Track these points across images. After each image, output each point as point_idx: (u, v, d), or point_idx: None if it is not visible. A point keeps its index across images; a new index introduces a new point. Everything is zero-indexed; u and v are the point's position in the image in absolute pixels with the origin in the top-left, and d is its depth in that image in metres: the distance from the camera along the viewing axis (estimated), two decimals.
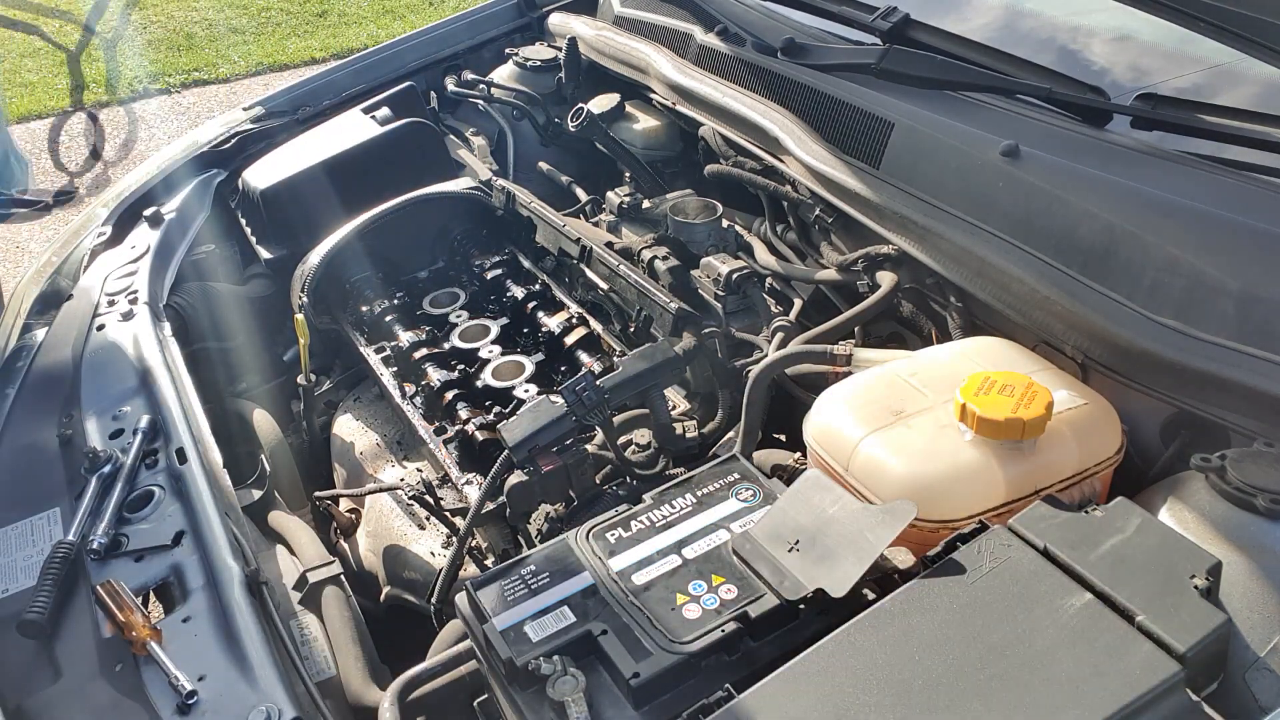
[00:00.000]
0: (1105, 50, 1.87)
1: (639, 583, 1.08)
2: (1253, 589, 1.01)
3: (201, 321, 2.03)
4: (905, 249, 1.59)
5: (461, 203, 2.15)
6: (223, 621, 1.16)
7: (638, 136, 2.32)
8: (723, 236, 1.92)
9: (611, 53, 2.41)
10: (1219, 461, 1.11)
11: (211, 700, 1.07)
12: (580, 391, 1.44)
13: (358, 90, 2.55)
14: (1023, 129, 1.54)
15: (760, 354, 1.64)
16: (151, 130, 5.95)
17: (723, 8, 2.17)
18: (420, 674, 1.19)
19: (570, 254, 1.92)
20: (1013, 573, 0.98)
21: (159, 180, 2.26)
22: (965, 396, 1.19)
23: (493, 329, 1.91)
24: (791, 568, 1.05)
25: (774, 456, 1.47)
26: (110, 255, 2.02)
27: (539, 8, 2.82)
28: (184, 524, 1.31)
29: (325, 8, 7.86)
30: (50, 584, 1.22)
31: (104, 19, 6.05)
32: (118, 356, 1.67)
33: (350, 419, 1.95)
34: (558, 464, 1.43)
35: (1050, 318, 1.38)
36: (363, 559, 1.72)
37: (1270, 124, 1.42)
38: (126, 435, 1.47)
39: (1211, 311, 1.22)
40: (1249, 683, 0.95)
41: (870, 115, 1.69)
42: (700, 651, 0.99)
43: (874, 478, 1.20)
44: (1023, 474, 1.17)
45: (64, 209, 2.22)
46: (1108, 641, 0.90)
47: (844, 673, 0.91)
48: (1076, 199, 1.38)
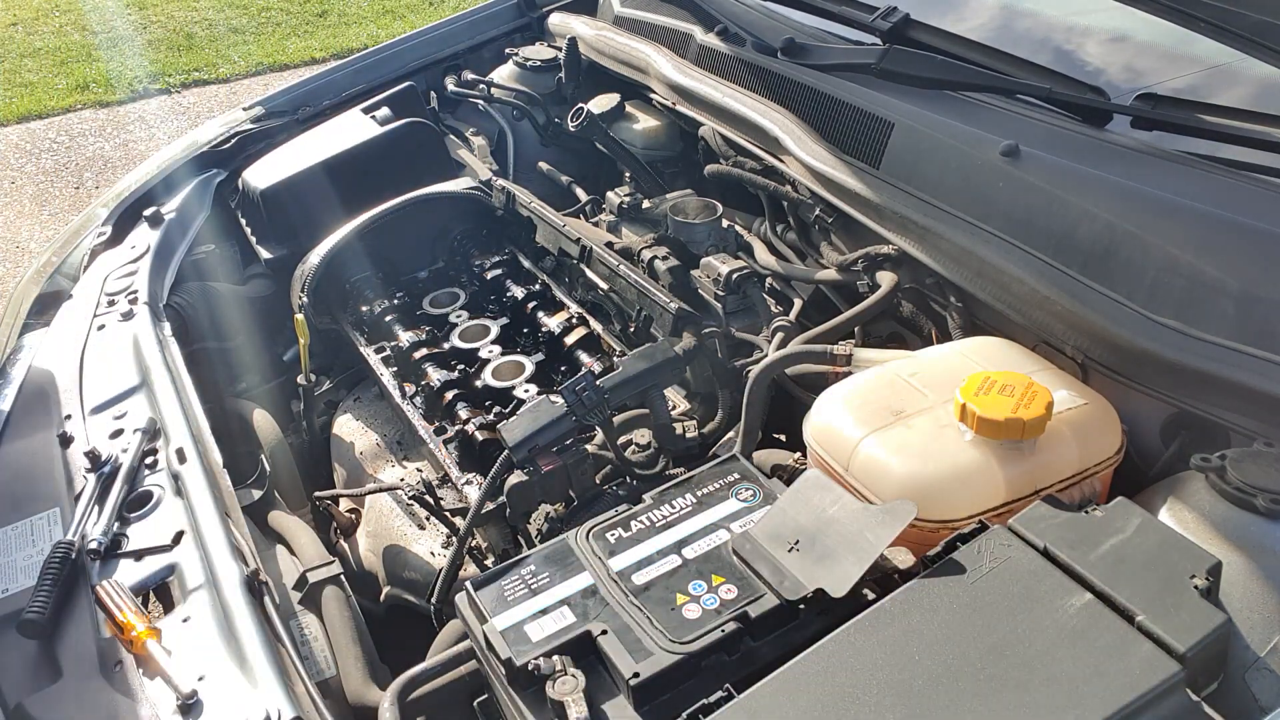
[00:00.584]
0: (1105, 50, 1.86)
1: (639, 583, 1.08)
2: (1253, 589, 1.01)
3: (201, 321, 2.03)
4: (905, 249, 1.59)
5: (461, 203, 2.15)
6: (223, 621, 1.16)
7: (638, 136, 2.32)
8: (723, 236, 1.92)
9: (611, 53, 2.41)
10: (1219, 461, 1.11)
11: (211, 700, 1.07)
12: (580, 391, 1.44)
13: (358, 90, 2.55)
14: (1023, 129, 1.54)
15: (760, 354, 1.64)
16: (151, 130, 5.95)
17: (723, 8, 2.17)
18: (420, 674, 1.19)
19: (570, 254, 1.92)
20: (1013, 573, 0.98)
21: (159, 180, 2.26)
22: (965, 396, 1.19)
23: (493, 329, 1.91)
24: (791, 568, 1.05)
25: (774, 456, 1.47)
26: (110, 255, 2.03)
27: (539, 8, 2.82)
28: (184, 524, 1.31)
29: (325, 8, 7.86)
30: (50, 584, 1.22)
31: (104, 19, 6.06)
32: (118, 356, 1.66)
33: (350, 419, 1.95)
34: (558, 464, 1.43)
35: (1050, 318, 1.38)
36: (363, 559, 1.72)
37: (1270, 124, 1.42)
38: (126, 435, 1.47)
39: (1211, 311, 1.22)
40: (1249, 683, 0.95)
41: (870, 115, 1.69)
42: (700, 651, 0.99)
43: (874, 478, 1.20)
44: (1023, 474, 1.17)
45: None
46: (1108, 641, 0.90)
47: (844, 673, 0.91)
48: (1076, 199, 1.38)
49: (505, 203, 2.12)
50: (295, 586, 1.44)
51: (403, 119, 2.28)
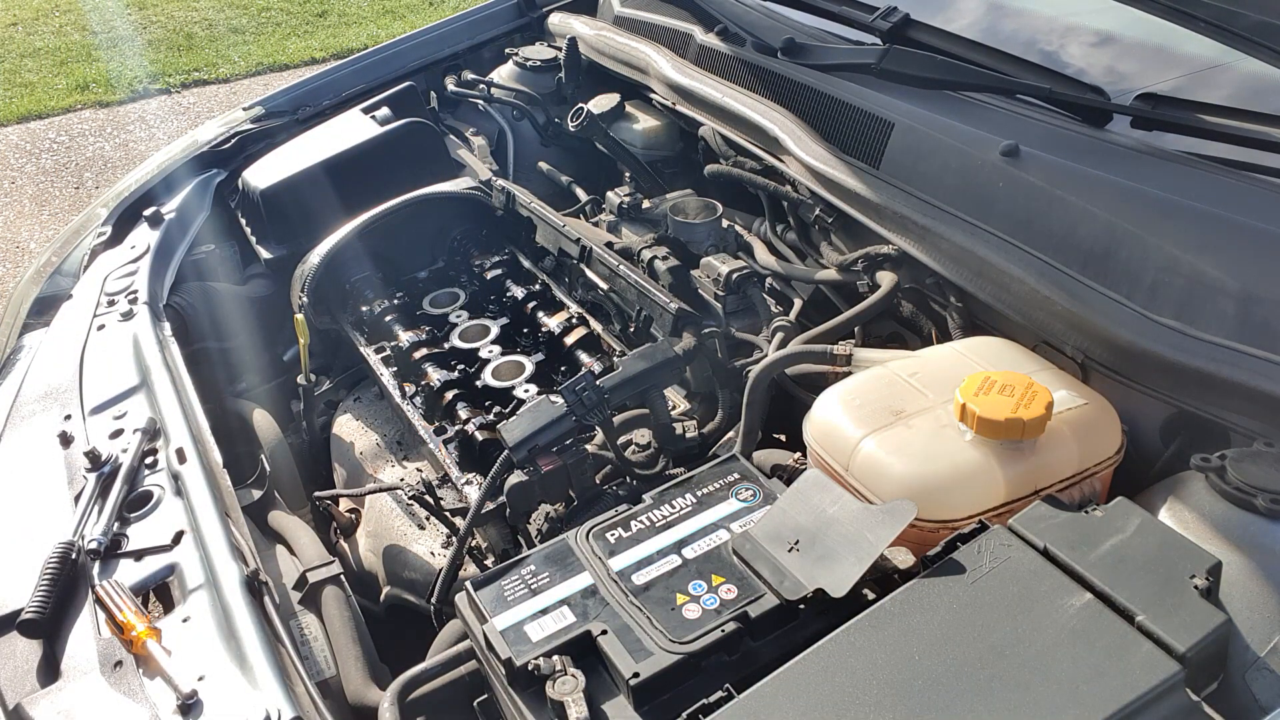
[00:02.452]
0: (1105, 50, 1.86)
1: (639, 583, 1.08)
2: (1253, 589, 1.01)
3: (201, 321, 2.03)
4: (905, 249, 1.59)
5: (461, 203, 2.15)
6: (223, 621, 1.16)
7: (638, 136, 2.32)
8: (723, 236, 1.92)
9: (611, 53, 2.41)
10: (1219, 461, 1.11)
11: (211, 700, 1.07)
12: (580, 391, 1.44)
13: (358, 90, 2.56)
14: (1023, 129, 1.54)
15: (760, 354, 1.64)
16: (151, 130, 5.95)
17: (723, 8, 2.17)
18: (420, 674, 1.19)
19: (570, 254, 1.92)
20: (1013, 573, 0.98)
21: (159, 180, 2.26)
22: (965, 396, 1.19)
23: (493, 329, 1.91)
24: (791, 568, 1.05)
25: (774, 456, 1.46)
26: (110, 255, 2.03)
27: (539, 8, 2.82)
28: (184, 524, 1.31)
29: (325, 8, 7.86)
30: (50, 584, 1.22)
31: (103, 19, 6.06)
32: (118, 356, 1.66)
33: (350, 419, 1.95)
34: (558, 464, 1.43)
35: (1050, 318, 1.38)
36: (363, 559, 1.71)
37: (1270, 124, 1.42)
38: (126, 435, 1.47)
39: (1211, 311, 1.22)
40: (1249, 683, 0.95)
41: (870, 115, 1.69)
42: (700, 651, 0.99)
43: (874, 478, 1.20)
44: (1023, 474, 1.17)
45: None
46: (1108, 641, 0.90)
47: (844, 673, 0.91)
48: (1076, 199, 1.38)
49: (505, 203, 2.12)
50: (295, 586, 1.44)
51: (403, 119, 2.28)
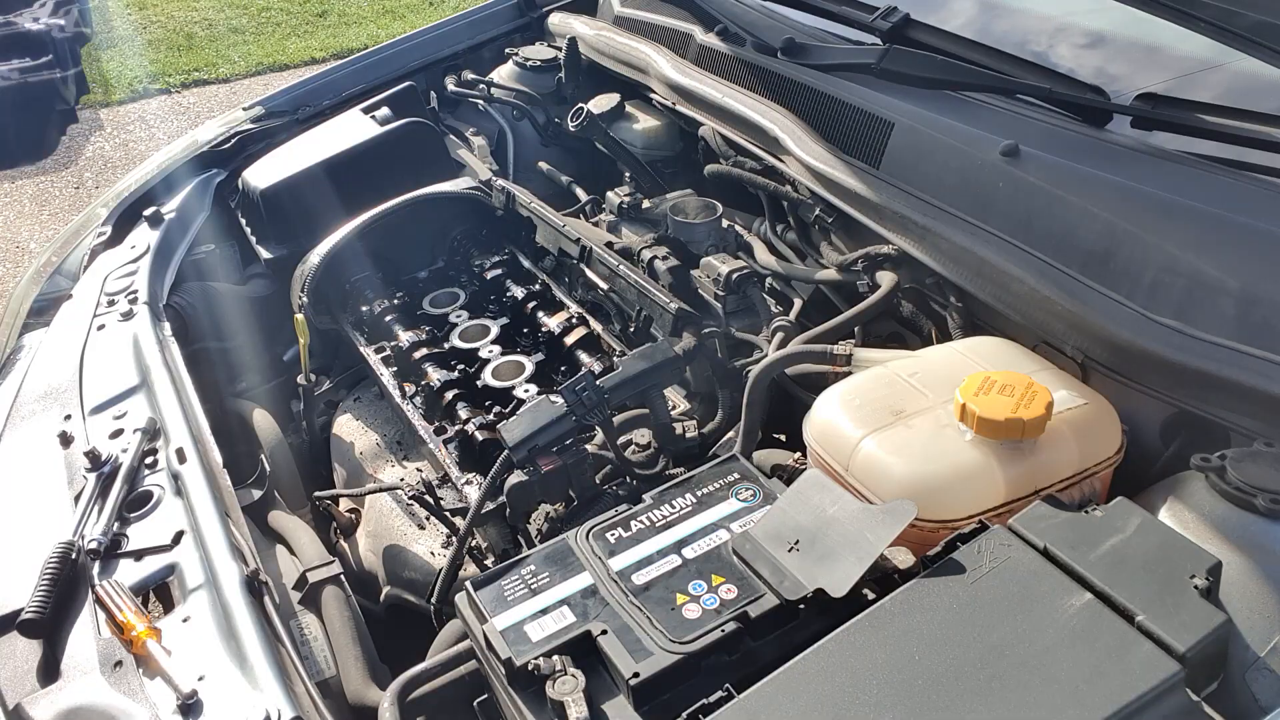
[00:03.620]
0: (1104, 50, 1.86)
1: (639, 583, 1.08)
2: (1253, 589, 1.01)
3: (201, 321, 2.03)
4: (905, 249, 1.59)
5: (461, 203, 2.15)
6: (223, 621, 1.16)
7: (638, 136, 2.32)
8: (723, 236, 1.92)
9: (611, 53, 2.41)
10: (1219, 461, 1.11)
11: (211, 700, 1.07)
12: (580, 391, 1.44)
13: (358, 90, 2.56)
14: (1023, 129, 1.54)
15: (760, 354, 1.64)
16: (151, 130, 5.95)
17: (723, 8, 2.17)
18: (420, 674, 1.19)
19: (570, 254, 1.92)
20: (1013, 573, 0.98)
21: (159, 180, 2.26)
22: (965, 396, 1.19)
23: (493, 329, 1.91)
24: (791, 568, 1.05)
25: (774, 456, 1.47)
26: (110, 255, 2.03)
27: (539, 8, 2.82)
28: (184, 524, 1.31)
29: (325, 8, 7.86)
30: (50, 584, 1.22)
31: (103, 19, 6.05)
32: (118, 356, 1.66)
33: (350, 419, 1.95)
34: (558, 464, 1.43)
35: (1050, 318, 1.38)
36: (363, 559, 1.71)
37: (1270, 124, 1.42)
38: (126, 435, 1.47)
39: (1211, 311, 1.22)
40: (1249, 683, 0.95)
41: (870, 115, 1.69)
42: (700, 651, 0.99)
43: (874, 478, 1.20)
44: (1023, 474, 1.17)
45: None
46: (1108, 641, 0.90)
47: (844, 672, 0.91)
48: (1076, 199, 1.38)
49: (505, 203, 2.12)
50: (295, 586, 1.44)
51: (403, 119, 2.28)
